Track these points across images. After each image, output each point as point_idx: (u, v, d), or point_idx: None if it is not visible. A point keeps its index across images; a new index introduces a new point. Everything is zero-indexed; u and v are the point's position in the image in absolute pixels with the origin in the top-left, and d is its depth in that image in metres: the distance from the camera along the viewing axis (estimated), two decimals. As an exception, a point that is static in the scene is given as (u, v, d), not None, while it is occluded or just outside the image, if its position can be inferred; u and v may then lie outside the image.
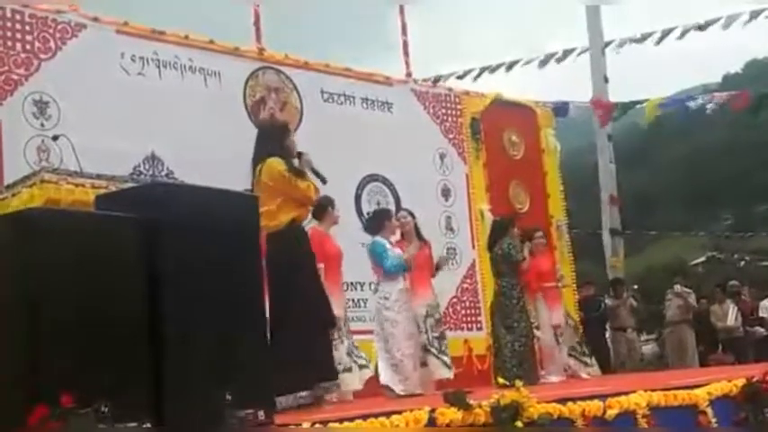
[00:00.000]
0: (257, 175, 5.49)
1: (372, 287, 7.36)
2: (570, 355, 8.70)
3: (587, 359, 8.83)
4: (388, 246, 7.10)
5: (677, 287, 12.03)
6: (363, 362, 6.76)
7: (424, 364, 7.14)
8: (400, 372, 6.85)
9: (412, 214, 7.64)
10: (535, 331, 8.15)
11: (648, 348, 14.29)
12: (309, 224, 6.21)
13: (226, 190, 4.31)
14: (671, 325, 12.09)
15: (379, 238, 7.11)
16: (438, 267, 7.58)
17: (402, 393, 6.65)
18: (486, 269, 9.68)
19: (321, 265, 6.25)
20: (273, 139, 5.66)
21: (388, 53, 11.85)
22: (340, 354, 6.43)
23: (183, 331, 3.51)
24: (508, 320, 7.80)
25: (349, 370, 6.51)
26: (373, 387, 6.78)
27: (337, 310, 6.32)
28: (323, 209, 6.75)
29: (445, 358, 7.27)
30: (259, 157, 5.50)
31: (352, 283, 8.40)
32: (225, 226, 3.79)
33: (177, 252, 3.58)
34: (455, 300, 9.80)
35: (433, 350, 7.22)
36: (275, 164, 5.42)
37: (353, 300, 8.34)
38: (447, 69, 12.17)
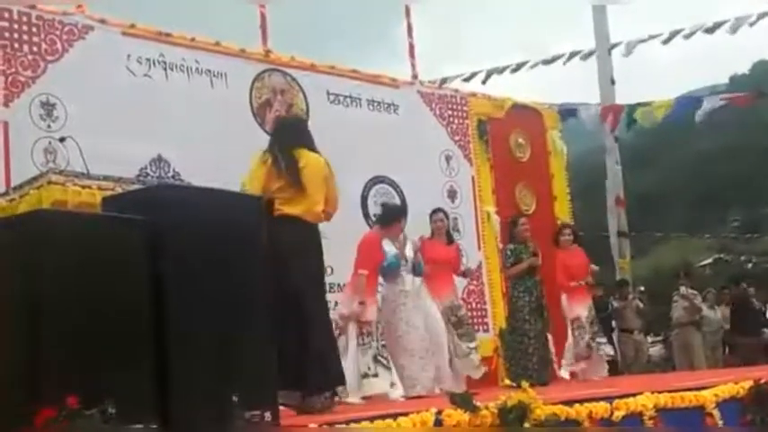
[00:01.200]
0: (288, 163, 5.14)
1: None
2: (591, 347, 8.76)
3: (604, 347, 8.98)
4: (386, 246, 7.09)
5: (683, 289, 11.98)
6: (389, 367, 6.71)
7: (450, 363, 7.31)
8: (402, 376, 6.81)
9: (446, 215, 7.90)
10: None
11: (656, 350, 14.20)
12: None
13: (231, 191, 4.35)
14: (677, 327, 12.06)
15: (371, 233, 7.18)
16: (465, 275, 7.84)
17: (401, 398, 6.52)
18: (493, 270, 9.81)
19: (365, 272, 6.56)
20: (301, 130, 5.43)
21: (393, 55, 11.83)
22: (367, 359, 6.50)
23: (187, 332, 3.50)
24: (514, 321, 7.96)
25: (375, 375, 6.50)
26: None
27: (372, 315, 6.62)
28: (395, 218, 7.07)
29: (470, 358, 7.42)
30: (287, 145, 5.18)
31: None
32: (230, 227, 3.79)
33: (182, 254, 3.58)
34: (461, 303, 9.67)
35: (460, 349, 7.40)
36: (320, 158, 5.21)
37: None
38: (453, 71, 12.12)
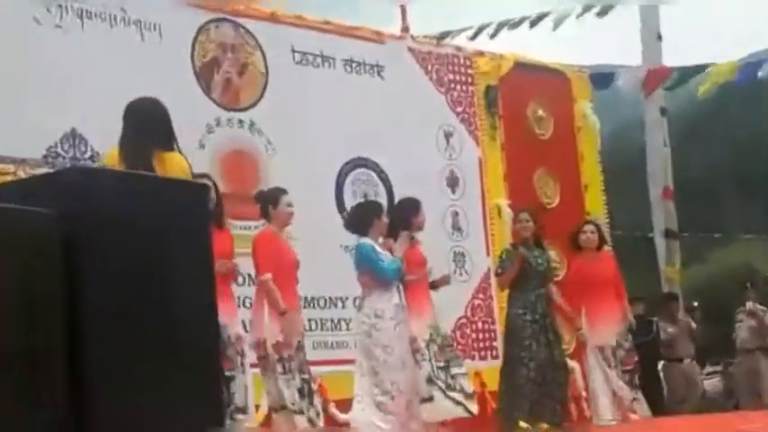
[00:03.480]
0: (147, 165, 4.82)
1: (356, 303, 7.40)
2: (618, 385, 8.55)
3: (635, 392, 8.72)
4: (378, 248, 7.14)
5: (750, 304, 12.00)
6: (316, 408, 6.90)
7: (428, 399, 7.29)
8: (389, 410, 6.91)
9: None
10: (569, 361, 8.18)
11: (712, 383, 14.13)
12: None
13: (166, 177, 4.33)
14: (742, 353, 12.09)
15: (367, 240, 7.13)
16: (435, 287, 7.68)
17: None
18: (505, 281, 9.91)
19: (268, 276, 6.64)
20: (156, 122, 5.03)
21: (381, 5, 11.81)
22: (291, 391, 6.65)
23: (111, 367, 3.53)
24: (510, 347, 7.95)
25: (300, 412, 6.70)
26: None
27: (288, 336, 6.68)
28: (273, 203, 6.92)
29: (455, 394, 7.39)
30: (139, 148, 4.86)
31: (331, 299, 8.60)
32: (165, 221, 3.81)
33: (104, 254, 3.58)
34: (464, 321, 9.83)
35: (440, 383, 7.35)
36: (182, 162, 4.91)
37: (329, 321, 8.52)
38: (455, 24, 12.06)
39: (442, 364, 7.38)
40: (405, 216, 7.56)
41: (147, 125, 4.96)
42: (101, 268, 3.59)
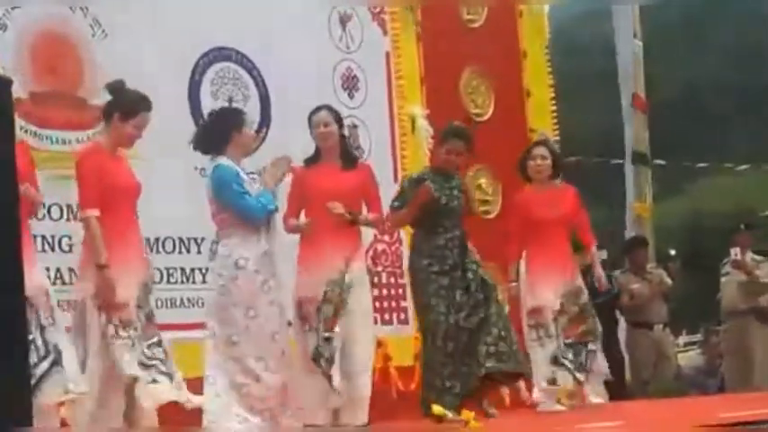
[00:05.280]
0: None
1: (212, 248, 7.34)
2: (558, 362, 8.76)
3: (582, 374, 8.88)
4: (241, 173, 7.13)
5: (736, 252, 11.90)
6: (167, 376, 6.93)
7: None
8: (253, 396, 6.98)
9: (339, 119, 7.90)
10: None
11: (689, 357, 14.41)
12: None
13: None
14: (729, 316, 12.13)
15: (224, 161, 7.10)
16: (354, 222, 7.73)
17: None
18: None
19: (90, 213, 6.70)
20: None
21: None
22: (130, 360, 6.72)
23: None
24: (422, 311, 8.05)
25: (154, 381, 6.78)
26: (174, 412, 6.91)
27: (128, 290, 6.77)
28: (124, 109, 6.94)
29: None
30: None
31: (181, 241, 8.75)
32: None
33: None
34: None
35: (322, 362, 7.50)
36: None
37: (177, 271, 8.68)
38: None
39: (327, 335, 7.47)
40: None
41: None
42: None
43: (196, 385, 7.08)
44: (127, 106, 6.95)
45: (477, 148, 8.53)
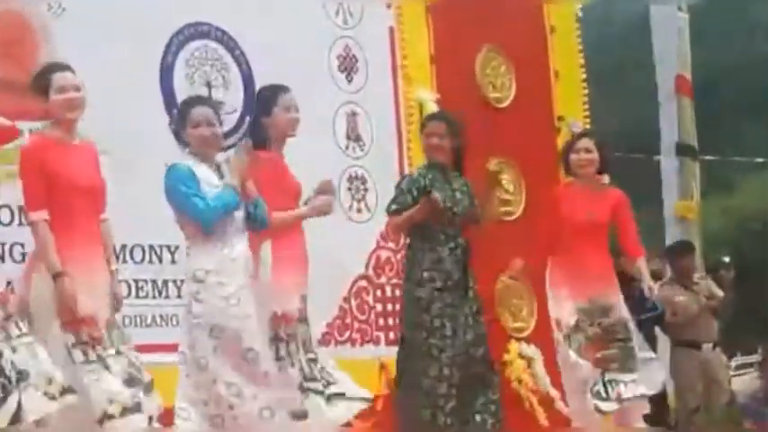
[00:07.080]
0: None
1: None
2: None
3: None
4: (197, 172, 6.86)
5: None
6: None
7: (300, 416, 7.08)
8: (228, 429, 6.75)
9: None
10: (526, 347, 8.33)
11: (744, 381, 14.17)
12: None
13: None
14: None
15: (184, 161, 6.92)
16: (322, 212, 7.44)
17: None
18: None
19: (38, 215, 6.44)
20: None
21: None
22: (108, 384, 6.45)
23: None
24: (414, 330, 7.87)
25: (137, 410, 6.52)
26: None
27: (97, 302, 6.53)
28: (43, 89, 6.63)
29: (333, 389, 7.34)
30: None
31: (152, 249, 8.54)
32: None
33: None
34: (363, 284, 9.79)
35: (315, 385, 7.28)
36: None
37: (148, 284, 8.52)
38: None
39: (313, 357, 7.29)
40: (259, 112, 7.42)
41: None
42: None
43: (170, 418, 6.91)
44: (42, 78, 6.62)
45: (496, 138, 8.55)
